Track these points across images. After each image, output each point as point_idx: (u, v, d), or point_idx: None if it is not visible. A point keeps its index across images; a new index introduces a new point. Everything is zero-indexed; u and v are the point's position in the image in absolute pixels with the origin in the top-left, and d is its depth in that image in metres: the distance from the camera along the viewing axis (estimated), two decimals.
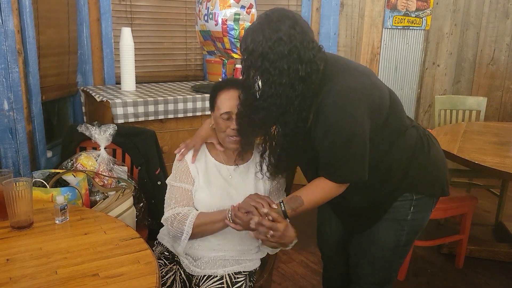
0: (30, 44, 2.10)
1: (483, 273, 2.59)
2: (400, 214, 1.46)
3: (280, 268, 2.57)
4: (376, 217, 1.48)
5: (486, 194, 3.58)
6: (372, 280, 1.60)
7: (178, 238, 1.49)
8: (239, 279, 1.50)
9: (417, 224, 1.49)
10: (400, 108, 1.43)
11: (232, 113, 1.44)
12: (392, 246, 1.50)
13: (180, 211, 1.48)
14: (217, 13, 2.49)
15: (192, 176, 1.54)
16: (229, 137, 1.47)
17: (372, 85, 1.31)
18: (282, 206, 1.36)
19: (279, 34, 1.22)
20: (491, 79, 4.14)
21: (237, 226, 1.38)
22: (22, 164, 2.10)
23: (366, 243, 1.54)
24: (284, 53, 1.22)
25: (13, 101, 2.01)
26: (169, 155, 2.38)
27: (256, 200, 1.38)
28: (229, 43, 2.57)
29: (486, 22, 4.10)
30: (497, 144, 2.53)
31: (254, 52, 1.24)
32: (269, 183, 1.58)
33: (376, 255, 1.53)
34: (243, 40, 1.30)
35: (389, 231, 1.48)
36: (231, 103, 1.44)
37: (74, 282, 1.07)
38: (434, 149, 1.50)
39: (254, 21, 1.31)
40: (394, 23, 3.75)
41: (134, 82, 2.57)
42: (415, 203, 1.45)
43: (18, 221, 1.32)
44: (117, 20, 2.77)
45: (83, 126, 1.92)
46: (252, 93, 1.30)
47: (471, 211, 2.52)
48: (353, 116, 1.25)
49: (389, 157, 1.40)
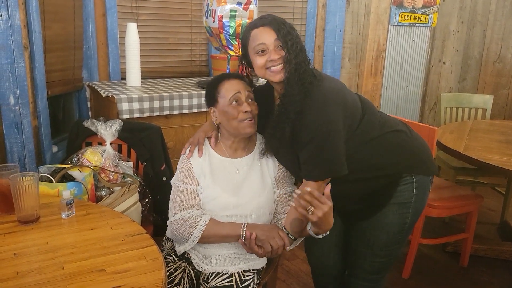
0: (36, 39, 2.10)
1: (488, 271, 2.58)
2: (404, 198, 1.52)
3: (285, 265, 2.57)
4: (382, 203, 1.52)
5: (491, 193, 3.58)
6: (370, 270, 1.64)
7: (182, 243, 1.50)
8: (248, 277, 1.49)
9: (419, 206, 1.57)
10: (371, 105, 1.55)
11: (241, 94, 1.45)
12: (397, 229, 1.55)
13: (188, 217, 1.47)
14: (215, 10, 2.49)
15: (196, 177, 1.53)
16: (243, 121, 1.46)
17: (343, 88, 1.44)
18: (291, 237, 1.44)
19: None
20: (497, 77, 4.12)
21: (249, 251, 1.41)
22: (28, 158, 2.11)
23: (372, 230, 1.56)
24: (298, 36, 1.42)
25: (19, 95, 2.01)
26: (174, 151, 2.38)
27: (273, 234, 1.42)
28: (225, 40, 2.56)
29: (493, 20, 4.07)
30: (503, 143, 2.51)
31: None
32: (275, 172, 1.57)
33: (381, 240, 1.57)
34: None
35: (395, 215, 1.54)
36: (236, 86, 1.46)
37: (81, 277, 1.07)
38: (413, 130, 1.61)
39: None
40: (400, 20, 3.72)
41: (139, 77, 2.57)
42: (417, 184, 1.52)
43: (25, 216, 1.32)
44: (123, 15, 2.77)
45: (89, 122, 1.92)
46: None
47: (477, 210, 2.51)
48: (327, 113, 1.34)
49: (379, 145, 1.49)
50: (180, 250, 1.53)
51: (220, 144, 1.57)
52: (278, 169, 1.58)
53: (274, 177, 1.57)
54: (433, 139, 2.21)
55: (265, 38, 1.37)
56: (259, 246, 1.40)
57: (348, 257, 1.71)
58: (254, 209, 1.50)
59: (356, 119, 1.44)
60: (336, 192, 1.49)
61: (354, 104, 1.44)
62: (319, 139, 1.35)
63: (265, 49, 1.38)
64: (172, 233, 1.53)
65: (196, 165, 1.54)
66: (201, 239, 1.46)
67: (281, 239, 1.41)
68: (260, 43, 1.38)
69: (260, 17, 1.43)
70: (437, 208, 2.38)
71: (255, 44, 1.39)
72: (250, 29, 1.41)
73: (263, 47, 1.38)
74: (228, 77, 1.50)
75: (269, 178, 1.56)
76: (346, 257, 1.73)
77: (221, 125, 1.54)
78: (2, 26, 1.91)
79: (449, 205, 2.43)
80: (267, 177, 1.56)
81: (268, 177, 1.56)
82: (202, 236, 1.45)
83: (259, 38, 1.38)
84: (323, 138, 1.35)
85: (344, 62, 3.56)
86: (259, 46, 1.38)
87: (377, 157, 1.49)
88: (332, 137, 1.35)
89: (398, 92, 3.96)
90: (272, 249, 1.39)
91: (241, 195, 1.51)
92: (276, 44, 1.37)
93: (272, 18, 1.39)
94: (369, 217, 1.55)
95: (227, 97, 1.45)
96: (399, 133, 1.54)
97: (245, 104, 1.45)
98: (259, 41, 1.38)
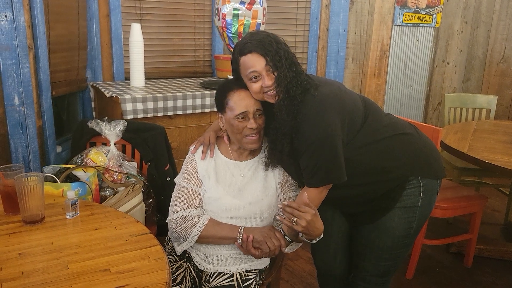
0: (41, 40, 2.11)
1: (492, 272, 2.57)
2: (411, 202, 1.51)
3: (288, 265, 2.57)
4: (387, 206, 1.51)
5: (495, 193, 3.56)
6: (375, 272, 1.63)
7: (180, 242, 1.51)
8: (250, 277, 1.50)
9: (426, 210, 1.55)
10: (376, 107, 1.55)
11: (249, 112, 1.43)
12: (403, 233, 1.54)
13: (187, 216, 1.48)
14: (220, 8, 2.50)
15: (200, 178, 1.54)
16: (247, 137, 1.46)
17: (341, 92, 1.43)
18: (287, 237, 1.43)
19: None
20: (501, 77, 4.10)
21: (246, 252, 1.44)
22: (32, 159, 2.12)
23: (378, 233, 1.55)
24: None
25: (23, 96, 2.02)
26: (177, 151, 2.38)
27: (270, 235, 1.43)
28: (227, 38, 2.56)
29: (497, 20, 4.06)
30: (507, 143, 2.51)
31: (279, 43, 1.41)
32: (279, 176, 1.58)
33: (386, 244, 1.56)
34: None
35: (401, 219, 1.52)
36: (245, 102, 1.44)
37: (85, 277, 1.08)
38: (421, 133, 1.60)
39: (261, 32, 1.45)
40: (404, 20, 3.72)
41: (143, 78, 2.57)
42: (423, 188, 1.50)
43: (30, 216, 1.33)
44: (127, 16, 2.77)
45: (93, 122, 1.92)
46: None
47: (481, 210, 2.51)
48: (323, 119, 1.34)
49: (385, 147, 1.48)
50: (178, 249, 1.53)
51: (227, 147, 1.58)
52: (283, 173, 1.58)
53: (279, 181, 1.57)
54: (437, 140, 2.21)
55: (255, 65, 1.38)
56: (256, 248, 1.42)
57: (353, 259, 1.71)
58: (256, 212, 1.51)
59: (357, 120, 1.44)
60: (341, 195, 1.50)
61: (353, 105, 1.44)
62: (317, 145, 1.35)
63: (258, 76, 1.40)
64: (170, 231, 1.54)
65: (201, 166, 1.54)
66: (199, 239, 1.47)
67: (277, 239, 1.42)
68: (251, 70, 1.39)
69: (244, 41, 1.42)
70: (441, 208, 2.38)
71: (247, 72, 1.40)
72: (238, 55, 1.42)
73: (255, 74, 1.39)
74: (237, 87, 1.47)
75: (274, 182, 1.56)
76: (351, 259, 1.72)
77: (227, 131, 1.55)
78: (7, 26, 1.92)
79: (453, 206, 2.42)
80: (271, 181, 1.56)
81: (272, 181, 1.56)
82: (200, 236, 1.46)
83: (250, 66, 1.39)
84: (320, 145, 1.35)
85: (347, 62, 3.55)
86: (252, 73, 1.39)
87: (383, 160, 1.47)
88: (330, 141, 1.35)
89: (401, 92, 3.95)
90: (270, 250, 1.41)
91: (244, 198, 1.51)
92: (267, 69, 1.37)
93: (257, 42, 1.38)
94: (374, 221, 1.54)
95: (235, 111, 1.44)
96: (407, 136, 1.53)
97: (252, 120, 1.44)
98: (250, 69, 1.39)
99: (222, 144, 1.59)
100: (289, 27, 3.34)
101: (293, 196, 1.58)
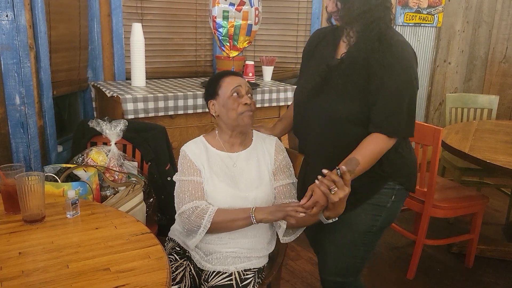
0: (42, 39, 2.11)
1: (493, 272, 2.57)
2: (381, 200, 1.54)
3: (289, 265, 2.56)
4: (359, 200, 1.52)
5: (496, 193, 3.56)
6: (334, 270, 1.63)
7: (194, 232, 1.48)
8: (248, 276, 1.50)
9: (392, 213, 1.58)
10: None
11: (241, 87, 1.51)
12: (365, 229, 1.56)
13: (198, 205, 1.47)
14: (211, 10, 2.52)
15: (198, 169, 1.54)
16: (242, 113, 1.50)
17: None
18: (339, 172, 1.33)
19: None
20: (503, 77, 4.10)
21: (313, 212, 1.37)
22: (33, 158, 2.12)
23: (340, 225, 1.50)
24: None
25: (24, 95, 2.03)
26: (178, 150, 2.37)
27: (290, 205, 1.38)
28: (218, 40, 2.58)
29: (499, 20, 4.05)
30: (509, 143, 2.50)
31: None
32: (271, 165, 1.59)
33: (347, 237, 1.57)
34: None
35: (367, 215, 1.54)
36: (238, 81, 1.54)
37: (85, 276, 1.08)
38: (411, 147, 1.63)
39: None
40: (406, 20, 3.71)
41: (144, 77, 2.57)
42: (396, 192, 1.54)
43: (30, 215, 1.33)
44: (128, 15, 2.77)
45: (94, 122, 1.92)
46: None
47: (482, 210, 2.50)
48: (413, 70, 1.40)
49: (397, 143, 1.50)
50: (192, 243, 1.50)
51: (218, 139, 1.59)
52: (275, 161, 1.60)
53: (271, 170, 1.59)
54: (438, 140, 2.20)
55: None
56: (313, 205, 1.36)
57: (318, 256, 1.74)
58: (251, 201, 1.51)
59: None
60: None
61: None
62: (410, 94, 1.41)
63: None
64: (183, 223, 1.49)
65: (194, 158, 1.55)
66: (212, 224, 1.44)
67: (293, 207, 1.36)
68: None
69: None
70: (442, 208, 2.38)
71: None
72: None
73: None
74: (229, 74, 1.58)
75: (266, 171, 1.58)
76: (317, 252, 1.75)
77: (219, 118, 1.57)
78: (8, 26, 1.92)
79: (454, 206, 2.42)
80: (264, 170, 1.57)
81: (265, 170, 1.57)
82: (213, 221, 1.43)
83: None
84: (412, 95, 1.41)
85: None
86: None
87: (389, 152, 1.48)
88: (415, 97, 1.43)
89: None
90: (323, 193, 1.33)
91: (239, 188, 1.52)
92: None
93: None
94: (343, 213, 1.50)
95: (228, 89, 1.52)
96: (409, 143, 1.59)
97: (245, 97, 1.52)
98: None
99: (211, 139, 1.61)
100: (290, 27, 3.33)
101: (287, 183, 1.59)
